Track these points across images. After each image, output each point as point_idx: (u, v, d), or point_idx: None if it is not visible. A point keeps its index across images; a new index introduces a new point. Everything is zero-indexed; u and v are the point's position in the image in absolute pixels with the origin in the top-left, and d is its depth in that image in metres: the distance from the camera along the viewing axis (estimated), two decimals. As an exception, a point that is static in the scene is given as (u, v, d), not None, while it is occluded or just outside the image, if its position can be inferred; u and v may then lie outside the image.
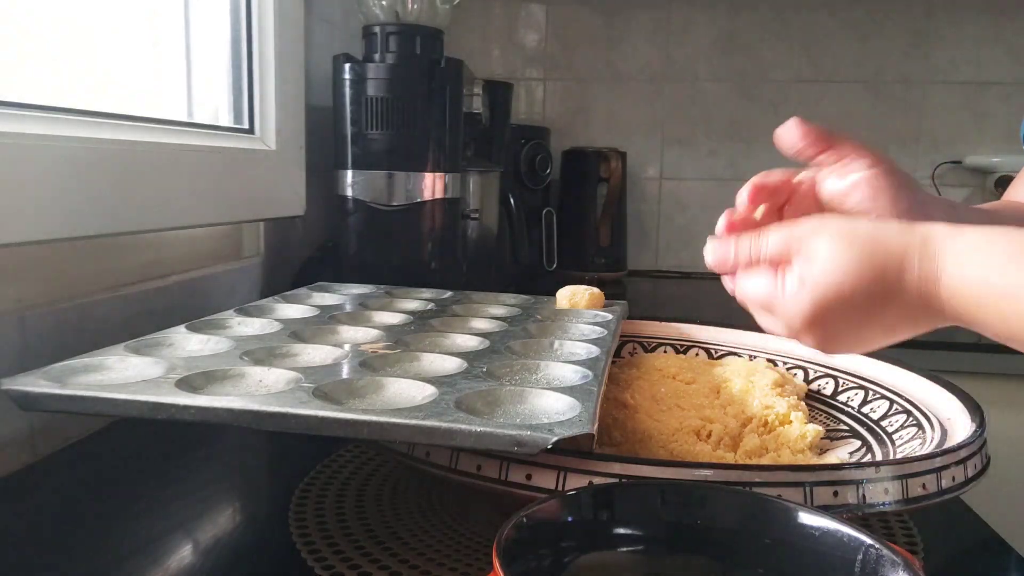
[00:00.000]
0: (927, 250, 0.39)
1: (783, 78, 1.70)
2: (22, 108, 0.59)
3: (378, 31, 1.06)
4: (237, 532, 0.53)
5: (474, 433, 0.39)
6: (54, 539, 0.48)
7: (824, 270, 0.40)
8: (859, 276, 0.40)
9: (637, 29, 1.73)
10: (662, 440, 0.54)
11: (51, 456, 0.61)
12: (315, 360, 0.52)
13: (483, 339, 0.59)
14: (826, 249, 0.41)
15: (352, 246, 1.06)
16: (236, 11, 0.94)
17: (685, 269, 1.75)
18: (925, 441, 0.51)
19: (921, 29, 1.65)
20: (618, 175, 1.62)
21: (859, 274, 0.40)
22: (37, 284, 0.62)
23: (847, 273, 0.40)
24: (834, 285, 0.40)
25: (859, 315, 0.41)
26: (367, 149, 1.03)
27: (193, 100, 0.90)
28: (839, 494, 0.39)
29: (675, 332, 0.76)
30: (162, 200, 0.71)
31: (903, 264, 0.39)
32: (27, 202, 0.55)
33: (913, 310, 0.40)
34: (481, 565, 0.45)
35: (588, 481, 0.39)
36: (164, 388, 0.43)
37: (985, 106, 1.64)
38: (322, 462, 0.60)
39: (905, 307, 0.40)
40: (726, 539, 0.33)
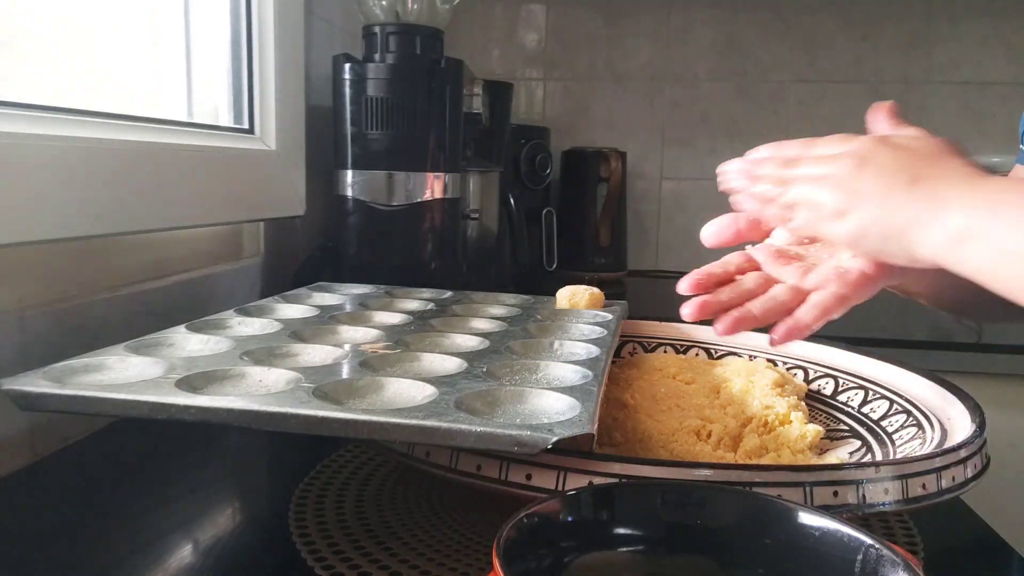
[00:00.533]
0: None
1: (783, 78, 1.70)
2: (22, 108, 0.59)
3: (378, 31, 1.06)
4: (237, 532, 0.53)
5: (474, 433, 0.39)
6: (54, 539, 0.48)
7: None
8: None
9: (637, 29, 1.73)
10: (662, 440, 0.54)
11: (51, 456, 0.61)
12: (315, 360, 0.52)
13: (483, 339, 0.59)
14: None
15: (352, 246, 1.06)
16: (236, 11, 0.94)
17: (685, 269, 1.73)
18: (925, 441, 0.51)
19: (921, 29, 1.65)
20: (618, 175, 1.62)
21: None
22: (37, 284, 0.62)
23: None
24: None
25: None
26: (367, 149, 1.03)
27: (193, 100, 0.90)
28: (839, 494, 0.39)
29: (675, 332, 0.76)
30: (162, 200, 0.71)
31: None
32: (27, 202, 0.55)
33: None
34: (481, 565, 0.45)
35: (588, 481, 0.39)
36: (164, 388, 0.43)
37: (985, 106, 1.64)
38: (322, 462, 0.60)
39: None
40: (726, 539, 0.33)
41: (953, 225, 0.41)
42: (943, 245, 0.41)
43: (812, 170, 0.48)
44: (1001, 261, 0.40)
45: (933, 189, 0.43)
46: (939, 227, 0.42)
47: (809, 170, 0.48)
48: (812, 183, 0.48)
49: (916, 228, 0.43)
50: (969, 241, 0.41)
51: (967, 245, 0.41)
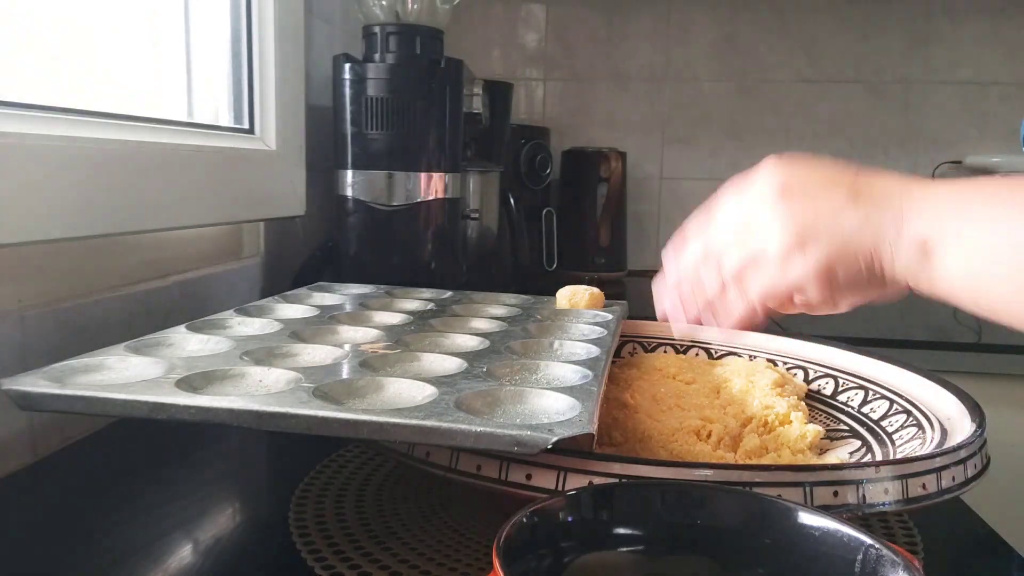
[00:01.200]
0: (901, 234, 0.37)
1: (783, 78, 1.70)
2: (22, 108, 0.59)
3: (378, 31, 1.06)
4: (237, 532, 0.53)
5: (474, 433, 0.39)
6: (54, 539, 0.48)
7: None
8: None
9: (637, 29, 1.73)
10: (662, 440, 0.54)
11: (51, 456, 0.61)
12: (315, 360, 0.52)
13: (483, 339, 0.59)
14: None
15: (352, 246, 1.06)
16: (236, 11, 0.94)
17: (685, 269, 1.75)
18: (925, 441, 0.51)
19: (921, 29, 1.65)
20: (618, 175, 1.62)
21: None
22: (37, 284, 0.62)
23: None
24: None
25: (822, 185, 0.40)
26: (367, 149, 1.03)
27: (193, 100, 0.90)
28: (839, 494, 0.39)
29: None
30: (162, 200, 0.71)
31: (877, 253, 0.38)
32: (27, 202, 0.55)
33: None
34: (481, 565, 0.45)
35: (588, 481, 0.39)
36: (164, 388, 0.43)
37: (985, 106, 1.64)
38: (322, 462, 0.60)
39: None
40: (726, 539, 0.33)
41: (920, 233, 0.36)
42: (914, 262, 0.37)
43: (737, 241, 0.43)
44: (981, 268, 0.35)
45: (879, 198, 0.38)
46: (907, 241, 0.37)
47: (734, 247, 0.43)
48: (742, 248, 0.42)
49: (883, 247, 0.38)
50: (940, 250, 0.36)
51: (939, 256, 0.36)
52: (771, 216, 0.41)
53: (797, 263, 0.40)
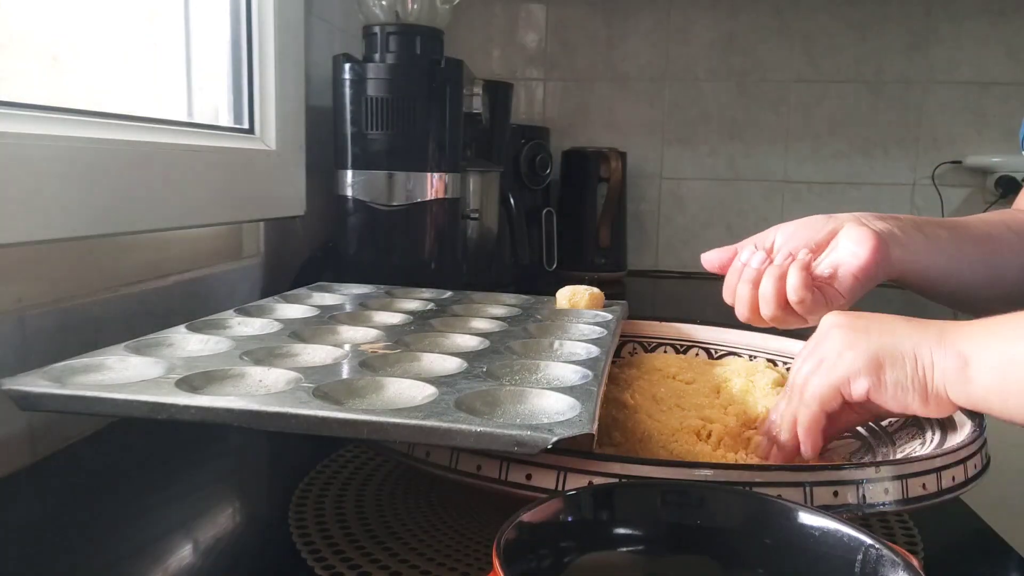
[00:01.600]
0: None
1: (783, 78, 1.70)
2: (22, 108, 0.59)
3: (378, 31, 1.06)
4: (237, 532, 0.53)
5: (474, 433, 0.39)
6: (54, 539, 0.48)
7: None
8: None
9: (637, 29, 1.73)
10: (662, 440, 0.54)
11: (51, 456, 0.61)
12: (315, 360, 0.52)
13: (483, 339, 0.59)
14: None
15: (352, 246, 1.06)
16: (236, 11, 0.94)
17: (685, 269, 1.75)
18: (925, 441, 0.51)
19: (921, 29, 1.65)
20: (618, 175, 1.62)
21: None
22: (37, 284, 0.62)
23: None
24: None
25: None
26: (367, 149, 1.03)
27: (193, 100, 0.90)
28: (839, 494, 0.39)
29: (675, 332, 0.76)
30: (162, 200, 0.71)
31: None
32: (27, 202, 0.55)
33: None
34: (481, 565, 0.45)
35: (588, 481, 0.39)
36: (164, 388, 0.43)
37: (985, 106, 1.64)
38: (322, 462, 0.60)
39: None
40: (726, 539, 0.33)
41: (958, 346, 0.43)
42: (952, 372, 0.43)
43: (801, 364, 0.51)
44: (1005, 375, 0.41)
45: (929, 324, 0.46)
46: (947, 351, 0.44)
47: (799, 366, 0.51)
48: (807, 360, 0.50)
49: (924, 349, 0.44)
50: (973, 361, 0.43)
51: (971, 367, 0.43)
52: (834, 335, 0.49)
53: (847, 357, 0.47)
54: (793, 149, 1.71)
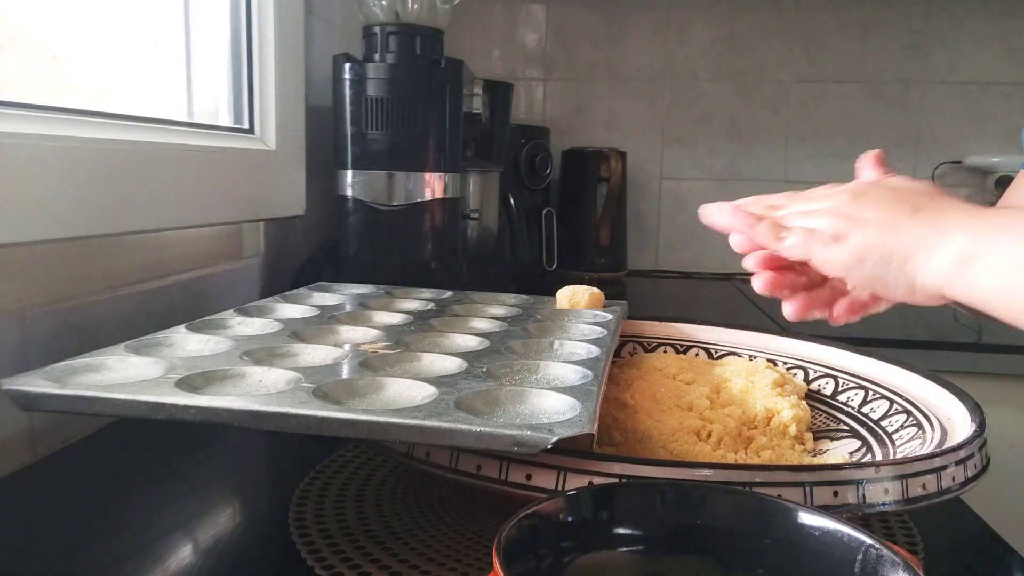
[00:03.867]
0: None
1: (783, 78, 1.70)
2: (22, 108, 0.59)
3: (378, 31, 1.06)
4: (237, 532, 0.53)
5: (474, 433, 0.39)
6: (54, 539, 0.48)
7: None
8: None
9: (637, 29, 1.73)
10: (662, 440, 0.54)
11: (51, 456, 0.61)
12: (315, 360, 0.52)
13: (483, 339, 0.59)
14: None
15: (352, 246, 1.06)
16: (236, 11, 0.94)
17: (685, 269, 1.75)
18: (925, 441, 0.51)
19: (921, 29, 1.65)
20: (618, 175, 1.62)
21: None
22: (37, 284, 0.62)
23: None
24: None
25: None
26: (367, 149, 1.03)
27: (193, 100, 0.90)
28: (839, 494, 0.39)
29: (675, 332, 0.76)
30: (162, 200, 0.71)
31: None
32: (27, 202, 0.55)
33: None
34: (481, 565, 0.45)
35: (588, 481, 0.39)
36: (164, 388, 0.43)
37: (985, 106, 1.65)
38: (322, 462, 0.60)
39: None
40: (726, 539, 0.33)
41: (961, 247, 0.41)
42: (950, 269, 0.41)
43: (805, 206, 0.48)
44: (1013, 279, 0.39)
45: (937, 216, 0.43)
46: (946, 249, 0.41)
47: (801, 206, 0.48)
48: (804, 215, 0.47)
49: (921, 252, 0.42)
50: (977, 261, 0.40)
51: (975, 266, 0.40)
52: (837, 202, 0.46)
53: (833, 248, 0.45)
54: (793, 149, 1.71)
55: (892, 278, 0.43)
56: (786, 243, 0.47)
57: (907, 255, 0.42)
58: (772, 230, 0.47)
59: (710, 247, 1.72)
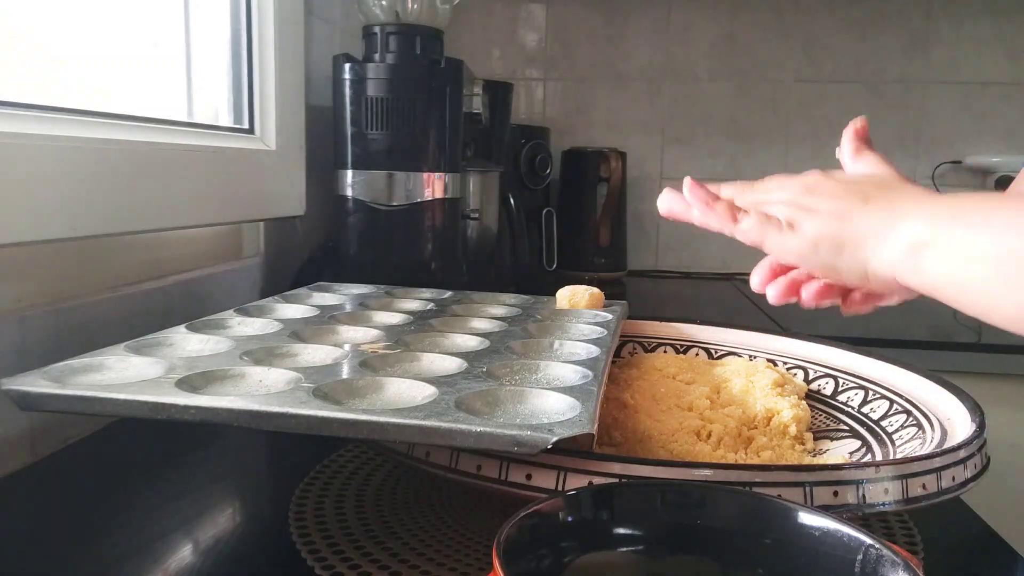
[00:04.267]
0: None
1: (783, 78, 1.70)
2: (22, 108, 0.59)
3: (378, 31, 1.06)
4: (237, 532, 0.53)
5: (474, 433, 0.39)
6: (54, 539, 0.48)
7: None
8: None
9: (637, 29, 1.73)
10: (662, 440, 0.54)
11: (51, 456, 0.61)
12: (315, 360, 0.52)
13: (483, 339, 0.59)
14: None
15: (352, 246, 1.06)
16: (236, 11, 0.94)
17: (685, 269, 1.75)
18: (925, 441, 0.51)
19: (921, 29, 1.65)
20: (618, 175, 1.62)
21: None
22: (37, 284, 0.62)
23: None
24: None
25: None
26: (367, 149, 1.03)
27: (193, 100, 0.90)
28: (839, 494, 0.39)
29: (675, 332, 0.76)
30: (162, 200, 0.71)
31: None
32: (27, 202, 0.55)
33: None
34: (481, 565, 0.45)
35: (588, 481, 0.39)
36: (164, 388, 0.43)
37: (985, 106, 1.64)
38: (322, 462, 0.60)
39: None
40: (726, 539, 0.33)
41: (912, 233, 0.40)
42: (901, 256, 0.41)
43: (757, 196, 0.49)
44: (967, 268, 0.38)
45: (887, 204, 0.43)
46: (897, 236, 0.41)
47: (755, 196, 0.49)
48: (759, 205, 0.48)
49: (871, 239, 0.42)
50: (929, 249, 0.39)
51: (927, 254, 0.39)
52: (790, 194, 0.47)
53: (787, 236, 0.45)
54: (793, 149, 1.71)
55: (845, 265, 0.43)
56: (741, 225, 0.47)
57: (858, 242, 0.42)
58: (728, 211, 0.48)
59: (710, 247, 1.72)
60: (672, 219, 0.53)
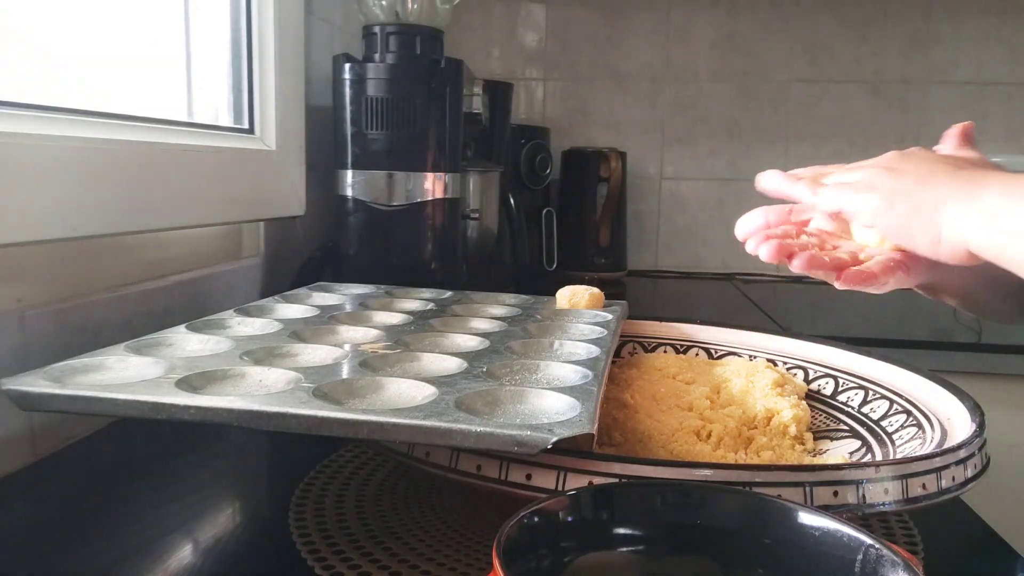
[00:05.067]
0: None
1: (783, 78, 1.70)
2: (22, 108, 0.59)
3: (378, 31, 1.06)
4: (237, 532, 0.53)
5: (474, 433, 0.39)
6: (54, 539, 0.48)
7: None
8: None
9: (637, 29, 1.73)
10: (662, 440, 0.54)
11: (51, 456, 0.61)
12: (315, 360, 0.52)
13: (483, 339, 0.59)
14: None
15: (352, 246, 1.06)
16: (236, 11, 0.94)
17: (685, 269, 1.75)
18: (925, 441, 0.51)
19: (921, 29, 1.65)
20: (618, 175, 1.62)
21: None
22: (37, 284, 0.62)
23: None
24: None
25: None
26: (367, 149, 1.03)
27: (193, 100, 0.90)
28: (839, 494, 0.39)
29: (675, 332, 0.76)
30: (162, 200, 0.71)
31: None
32: (27, 202, 0.55)
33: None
34: (481, 565, 0.45)
35: (588, 481, 0.39)
36: (164, 388, 0.43)
37: (985, 106, 1.64)
38: (322, 462, 0.60)
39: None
40: (726, 539, 0.33)
41: (992, 202, 0.41)
42: (978, 221, 0.41)
43: (847, 175, 0.50)
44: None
45: (975, 175, 0.43)
46: (977, 204, 0.41)
47: (839, 176, 0.50)
48: (849, 170, 0.49)
49: (952, 202, 0.42)
50: (1006, 216, 0.40)
51: (1003, 220, 0.40)
52: (881, 159, 0.48)
53: (866, 194, 0.46)
54: (793, 149, 1.71)
55: (919, 227, 0.44)
56: (820, 193, 0.48)
57: (937, 204, 0.43)
58: (810, 185, 0.49)
59: (710, 247, 1.72)
60: (772, 195, 0.54)
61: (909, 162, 0.47)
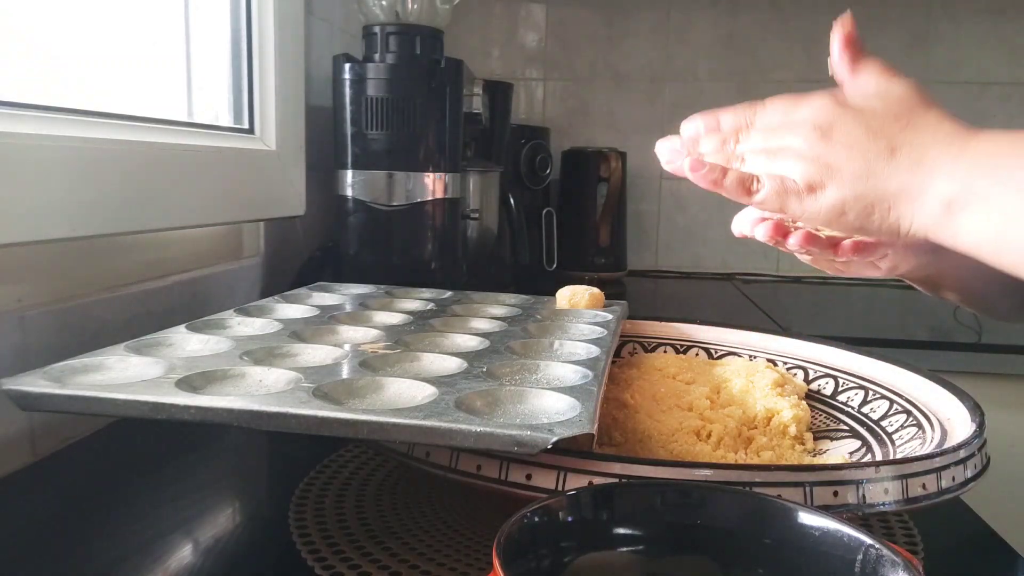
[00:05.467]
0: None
1: (783, 78, 1.70)
2: (22, 108, 0.59)
3: (378, 31, 1.06)
4: (237, 532, 0.53)
5: (474, 433, 0.39)
6: (54, 539, 0.48)
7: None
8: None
9: (637, 29, 1.73)
10: (662, 440, 0.54)
11: (51, 456, 0.61)
12: (315, 360, 0.52)
13: (483, 339, 0.59)
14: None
15: (352, 246, 1.06)
16: (236, 11, 0.94)
17: (685, 269, 1.75)
18: (925, 441, 0.51)
19: (921, 29, 1.65)
20: (618, 175, 1.62)
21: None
22: (37, 284, 0.62)
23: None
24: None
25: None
26: (367, 149, 1.03)
27: (193, 100, 0.90)
28: (839, 494, 0.39)
29: (675, 332, 0.76)
30: (162, 200, 0.71)
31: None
32: (27, 202, 0.55)
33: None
34: (481, 565, 0.45)
35: (588, 481, 0.39)
36: (164, 388, 0.43)
37: (985, 106, 1.64)
38: (322, 462, 0.60)
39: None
40: (726, 539, 0.33)
41: (946, 192, 0.38)
42: (936, 216, 0.39)
43: (766, 143, 0.45)
44: (1005, 228, 0.37)
45: (918, 156, 0.40)
46: (931, 197, 0.39)
47: (761, 143, 0.45)
48: (769, 156, 0.44)
49: (904, 200, 0.40)
50: (966, 209, 0.38)
51: (964, 214, 0.38)
52: (803, 141, 0.43)
53: (810, 201, 0.42)
54: (793, 149, 1.71)
55: (876, 227, 0.41)
56: (758, 197, 0.44)
57: (890, 204, 0.40)
58: (741, 184, 0.44)
59: (710, 247, 1.72)
60: (676, 173, 0.49)
61: (837, 146, 0.41)
